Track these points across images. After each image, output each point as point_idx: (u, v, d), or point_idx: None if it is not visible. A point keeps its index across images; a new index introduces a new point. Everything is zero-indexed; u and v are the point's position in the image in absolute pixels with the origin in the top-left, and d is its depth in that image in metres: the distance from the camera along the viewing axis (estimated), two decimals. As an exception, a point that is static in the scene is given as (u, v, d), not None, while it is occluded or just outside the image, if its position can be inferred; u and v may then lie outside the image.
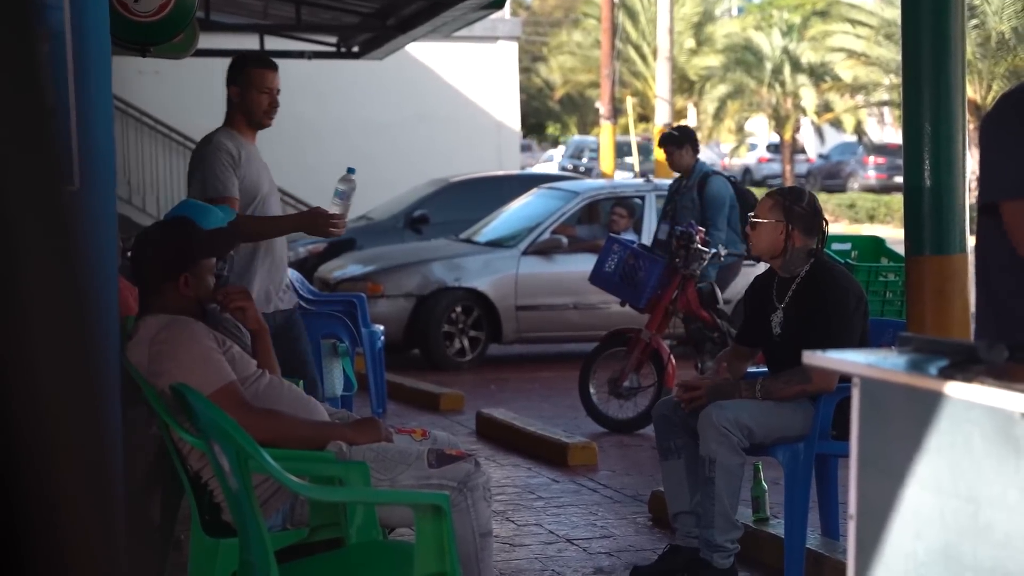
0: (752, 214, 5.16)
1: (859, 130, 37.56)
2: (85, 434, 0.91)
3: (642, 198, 11.98)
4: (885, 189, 33.64)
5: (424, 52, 20.82)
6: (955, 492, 2.21)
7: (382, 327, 9.08)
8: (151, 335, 3.92)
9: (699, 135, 41.24)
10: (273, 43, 13.40)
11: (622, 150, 32.50)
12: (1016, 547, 2.07)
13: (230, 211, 5.39)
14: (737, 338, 5.42)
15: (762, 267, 5.89)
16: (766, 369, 5.40)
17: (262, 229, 5.56)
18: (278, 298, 5.66)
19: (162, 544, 4.34)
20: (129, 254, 4.31)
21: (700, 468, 4.90)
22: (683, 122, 39.63)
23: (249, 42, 13.66)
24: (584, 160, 36.92)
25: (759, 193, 9.10)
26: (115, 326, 3.72)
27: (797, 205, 5.03)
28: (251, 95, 5.65)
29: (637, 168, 27.98)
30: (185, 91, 19.32)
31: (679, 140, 9.12)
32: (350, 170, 5.52)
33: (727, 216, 8.88)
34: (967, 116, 5.00)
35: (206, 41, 10.07)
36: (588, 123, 41.72)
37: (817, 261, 5.03)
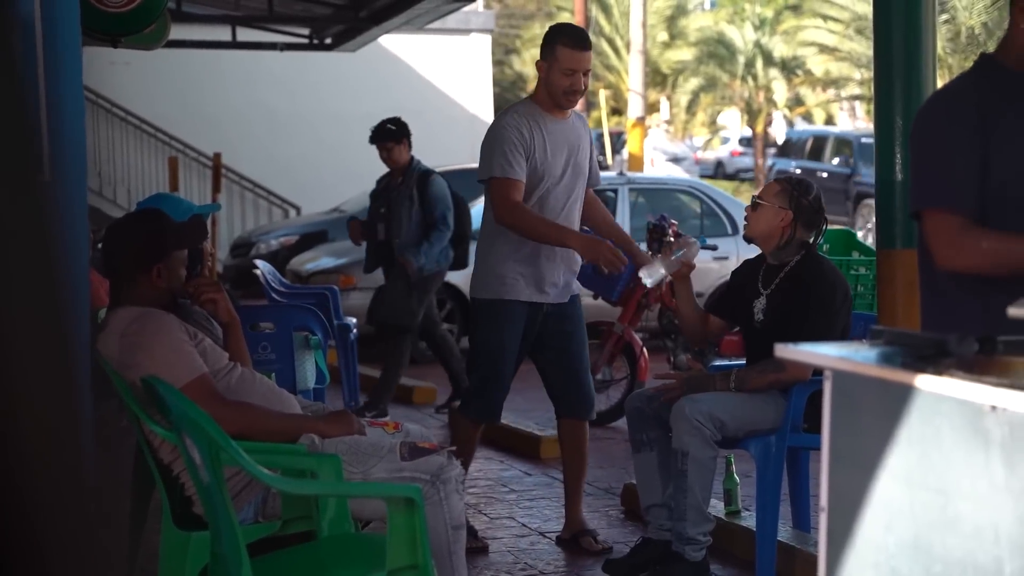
0: (756, 194, 5.15)
1: (830, 124, 37.68)
2: (61, 425, 0.90)
3: (615, 191, 11.99)
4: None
5: (397, 44, 20.78)
6: (925, 484, 2.22)
7: (355, 319, 9.07)
8: (122, 327, 3.91)
9: (672, 128, 41.04)
10: (245, 34, 13.36)
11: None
12: (985, 538, 2.09)
13: (214, 205, 5.33)
14: (708, 306, 5.40)
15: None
16: (743, 361, 5.41)
17: (546, 232, 5.34)
18: (548, 291, 5.51)
19: (133, 537, 4.32)
20: (100, 245, 4.29)
21: (672, 461, 4.91)
22: (656, 116, 39.70)
23: (221, 33, 13.62)
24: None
25: (726, 187, 9.04)
26: (86, 317, 3.71)
27: (805, 198, 5.04)
28: (554, 74, 5.33)
29: (610, 161, 27.98)
30: (156, 82, 19.24)
31: (397, 135, 8.58)
32: (702, 240, 5.32)
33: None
34: (938, 110, 5.01)
35: (177, 32, 10.03)
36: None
37: (808, 253, 5.05)
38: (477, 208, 12.45)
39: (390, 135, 8.54)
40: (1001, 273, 3.22)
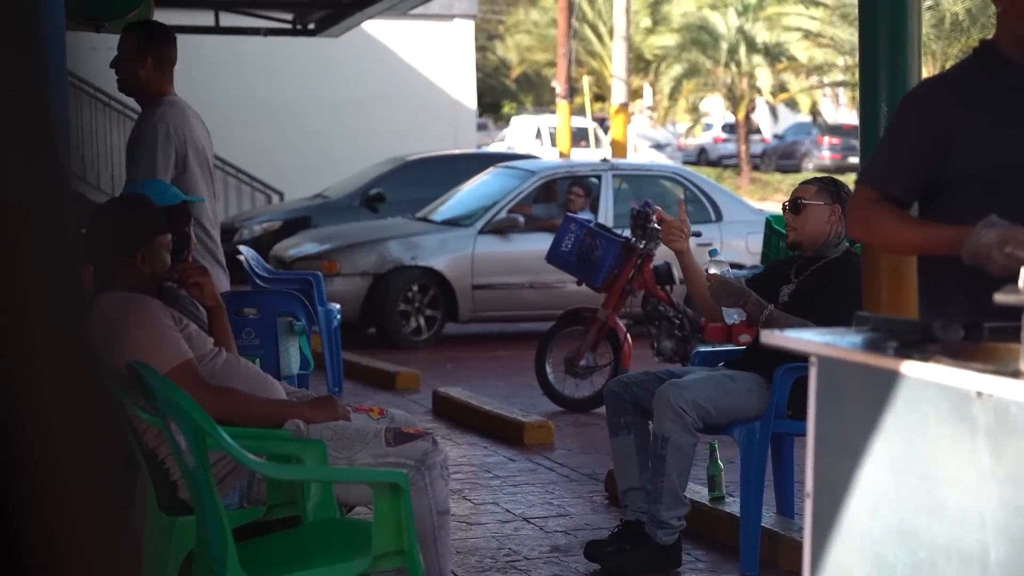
0: (796, 198, 5.08)
1: (814, 110, 37.73)
2: (81, 417, 0.90)
3: (599, 177, 12.00)
4: (840, 169, 33.81)
5: (380, 30, 20.72)
6: (911, 470, 2.23)
7: (338, 305, 9.06)
8: (107, 312, 3.89)
9: (655, 115, 40.99)
10: (228, 19, 13.30)
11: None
12: (970, 524, 2.10)
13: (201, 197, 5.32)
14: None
15: None
16: (725, 347, 5.42)
17: None
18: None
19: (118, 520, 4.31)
20: (83, 230, 4.27)
21: (652, 445, 4.92)
22: (639, 102, 39.67)
23: (203, 18, 13.56)
24: None
25: (710, 173, 8.97)
26: (80, 303, 3.69)
27: (843, 191, 5.06)
28: None
29: (593, 146, 27.95)
30: (139, 67, 19.14)
31: None
32: (712, 252, 5.26)
33: None
34: (922, 97, 5.01)
35: (160, 17, 9.96)
36: (544, 102, 41.67)
37: (848, 251, 5.07)
38: (461, 194, 12.48)
39: None
40: (903, 254, 3.30)
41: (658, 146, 39.89)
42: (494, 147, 31.29)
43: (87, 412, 0.92)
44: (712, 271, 5.04)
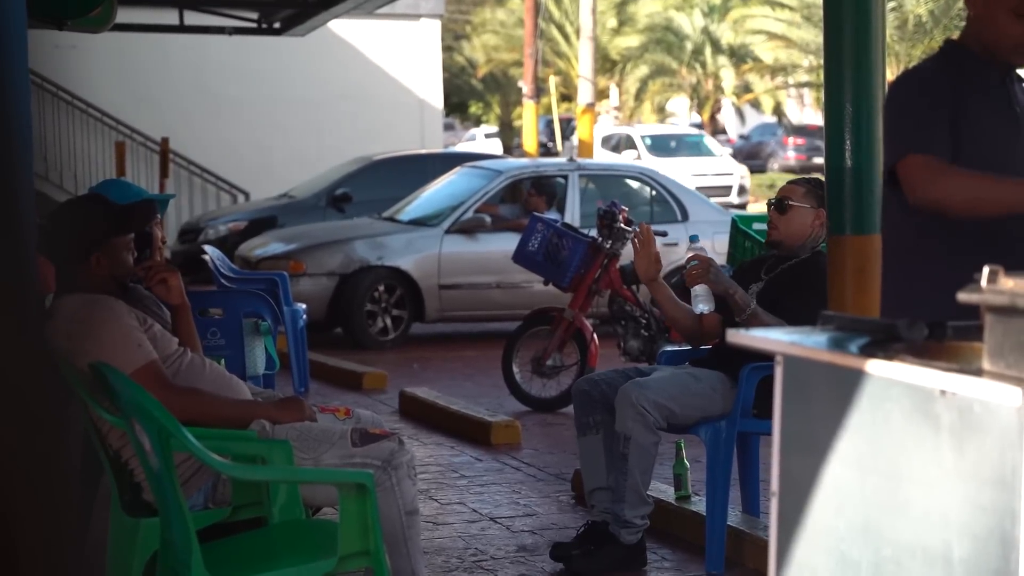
0: (782, 197, 5.09)
1: (778, 111, 37.88)
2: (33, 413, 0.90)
3: (565, 177, 12.01)
4: (805, 169, 33.94)
5: (346, 29, 20.67)
6: (876, 469, 2.23)
7: (304, 305, 9.03)
8: (70, 314, 3.87)
9: (621, 115, 41.20)
10: (193, 18, 13.25)
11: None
12: (934, 522, 2.10)
13: (168, 195, 5.28)
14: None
15: None
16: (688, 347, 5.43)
17: None
18: None
19: (80, 524, 4.29)
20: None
21: (615, 444, 4.92)
22: (605, 102, 39.73)
23: (168, 16, 13.50)
24: None
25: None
26: (38, 304, 3.66)
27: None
28: None
29: (560, 147, 27.96)
30: (103, 66, 19.04)
31: None
32: (693, 238, 5.19)
33: None
34: (886, 97, 5.05)
35: (124, 15, 9.94)
36: (511, 102, 41.67)
37: (819, 252, 5.09)
38: (427, 193, 12.46)
39: None
40: (977, 213, 3.23)
41: (624, 146, 39.90)
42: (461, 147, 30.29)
43: (44, 422, 0.92)
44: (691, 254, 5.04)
